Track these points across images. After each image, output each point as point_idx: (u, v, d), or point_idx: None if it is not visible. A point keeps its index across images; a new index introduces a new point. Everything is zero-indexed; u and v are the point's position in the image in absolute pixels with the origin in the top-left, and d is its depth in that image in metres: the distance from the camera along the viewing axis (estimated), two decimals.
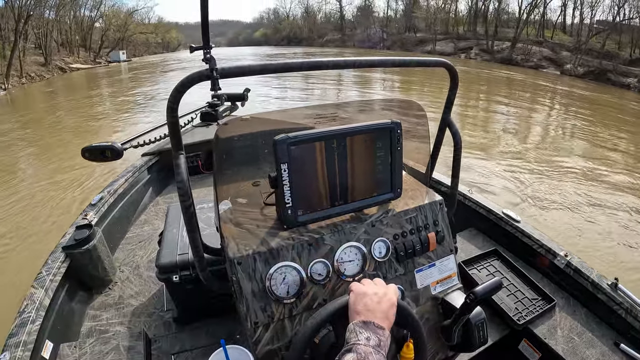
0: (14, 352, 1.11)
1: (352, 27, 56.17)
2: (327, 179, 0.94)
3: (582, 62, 23.48)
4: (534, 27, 31.74)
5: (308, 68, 0.88)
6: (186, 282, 1.28)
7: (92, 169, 5.71)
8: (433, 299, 1.06)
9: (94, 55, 35.80)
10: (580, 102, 13.73)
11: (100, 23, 39.44)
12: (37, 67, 24.18)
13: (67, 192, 5.25)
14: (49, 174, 6.04)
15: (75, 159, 6.06)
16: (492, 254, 1.73)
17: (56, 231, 3.95)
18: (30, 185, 5.61)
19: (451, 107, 1.16)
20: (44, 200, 5.04)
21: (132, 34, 45.58)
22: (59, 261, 1.51)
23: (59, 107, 12.30)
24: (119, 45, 40.92)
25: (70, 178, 5.71)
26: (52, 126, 9.56)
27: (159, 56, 47.52)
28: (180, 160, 0.85)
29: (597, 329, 1.41)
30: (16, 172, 6.28)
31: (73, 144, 7.46)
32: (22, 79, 20.86)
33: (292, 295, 0.90)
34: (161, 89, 15.07)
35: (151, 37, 53.60)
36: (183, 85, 0.77)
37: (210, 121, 3.17)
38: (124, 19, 43.15)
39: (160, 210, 2.38)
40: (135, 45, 47.86)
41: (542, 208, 4.86)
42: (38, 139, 8.30)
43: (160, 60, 37.23)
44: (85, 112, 11.27)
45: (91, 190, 5.10)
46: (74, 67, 29.03)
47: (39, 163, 6.83)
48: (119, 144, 1.78)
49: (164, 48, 60.05)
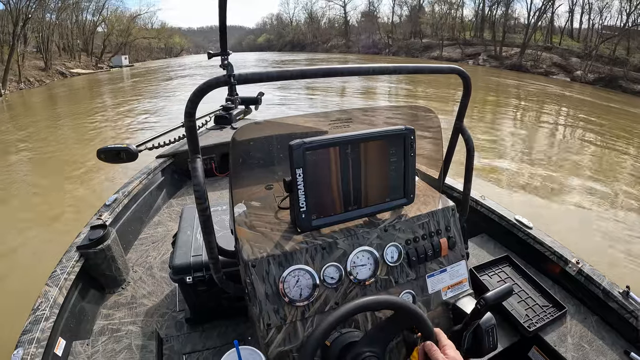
0: (27, 349, 1.15)
1: (357, 33, 56.47)
2: (341, 184, 0.97)
3: (592, 69, 23.47)
4: (541, 33, 31.79)
5: (324, 75, 0.91)
6: (199, 283, 1.32)
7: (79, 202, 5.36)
8: (444, 304, 1.08)
9: (96, 60, 35.99)
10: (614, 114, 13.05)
11: (103, 27, 39.90)
12: (36, 72, 24.10)
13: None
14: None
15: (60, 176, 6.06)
16: (504, 260, 1.74)
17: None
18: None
19: (464, 113, 1.19)
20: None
21: (135, 38, 46.05)
22: (73, 260, 1.55)
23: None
24: (122, 50, 41.30)
25: (55, 203, 5.40)
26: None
27: (162, 61, 47.87)
28: (197, 164, 0.88)
29: (608, 337, 1.42)
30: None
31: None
32: (21, 84, 20.71)
33: (304, 298, 0.93)
34: (166, 106, 13.20)
35: (154, 42, 54.18)
36: (201, 91, 0.80)
37: (224, 124, 3.24)
38: (126, 23, 43.65)
39: (174, 211, 2.42)
40: (137, 50, 48.35)
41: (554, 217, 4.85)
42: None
43: (163, 65, 37.37)
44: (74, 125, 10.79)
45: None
46: (75, 72, 29.07)
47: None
48: (134, 146, 1.82)
49: (166, 53, 60.72)
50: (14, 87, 19.93)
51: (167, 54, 61.23)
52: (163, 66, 36.11)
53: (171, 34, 64.74)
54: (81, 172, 6.47)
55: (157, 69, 32.97)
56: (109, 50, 39.46)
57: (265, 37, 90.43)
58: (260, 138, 1.09)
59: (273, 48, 76.37)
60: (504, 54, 31.91)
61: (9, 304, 3.03)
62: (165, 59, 54.39)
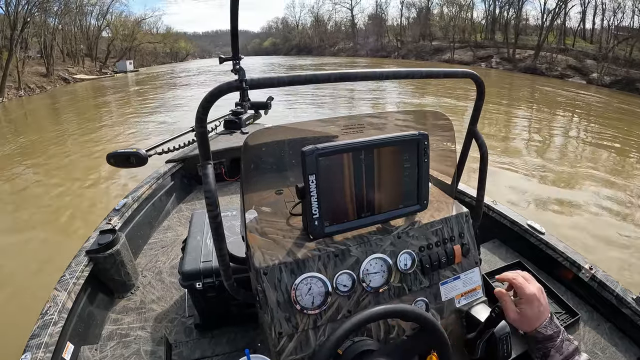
0: (35, 353, 1.17)
1: (365, 36, 56.64)
2: (354, 190, 0.98)
3: (608, 71, 23.25)
4: (554, 35, 31.59)
5: (336, 79, 0.91)
6: (209, 289, 1.34)
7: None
8: (457, 312, 1.09)
9: (100, 65, 36.25)
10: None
11: (107, 32, 40.42)
12: (37, 78, 24.02)
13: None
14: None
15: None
16: (516, 266, 1.75)
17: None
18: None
19: (478, 117, 1.20)
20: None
21: (140, 43, 46.64)
22: (82, 265, 1.58)
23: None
24: (127, 55, 41.80)
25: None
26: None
27: (167, 66, 48.26)
28: (208, 170, 0.88)
29: (621, 344, 1.42)
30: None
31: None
32: (20, 91, 20.56)
33: (316, 306, 0.93)
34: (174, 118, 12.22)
35: (159, 46, 54.83)
36: (212, 96, 0.81)
37: (234, 129, 3.28)
38: (131, 27, 44.21)
39: (183, 216, 2.46)
40: (142, 55, 48.96)
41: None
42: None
43: (168, 71, 37.55)
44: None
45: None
46: (78, 77, 29.14)
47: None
48: (143, 151, 1.87)
49: (172, 58, 61.39)
50: (13, 94, 19.75)
51: (173, 58, 61.94)
52: (168, 71, 36.25)
53: (177, 39, 65.53)
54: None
55: (162, 74, 33.12)
56: (114, 55, 39.93)
57: (271, 41, 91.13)
58: (272, 143, 1.10)
59: (279, 52, 76.89)
60: (517, 56, 31.73)
61: (17, 309, 3.10)
62: (171, 64, 54.89)
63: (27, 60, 24.07)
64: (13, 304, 3.32)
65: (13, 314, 3.07)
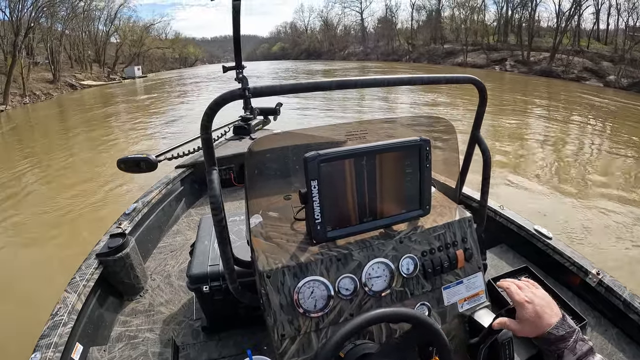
0: (45, 353, 1.22)
1: (375, 40, 56.76)
2: (356, 195, 1.01)
3: (625, 73, 22.96)
4: (567, 36, 31.26)
5: (337, 87, 0.95)
6: (216, 292, 1.38)
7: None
8: (460, 317, 1.10)
9: (108, 71, 36.53)
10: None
11: (116, 37, 40.99)
12: (43, 84, 23.94)
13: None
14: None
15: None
16: (523, 271, 1.75)
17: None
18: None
19: (481, 123, 1.22)
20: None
21: (148, 48, 47.26)
22: (92, 267, 1.64)
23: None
24: (135, 61, 42.34)
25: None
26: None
27: (176, 72, 48.67)
28: (213, 175, 0.91)
29: (629, 350, 1.42)
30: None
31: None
32: (25, 98, 20.40)
33: (319, 309, 0.96)
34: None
35: (168, 52, 55.55)
36: (217, 104, 0.86)
37: (243, 135, 3.35)
38: (140, 33, 44.84)
39: (193, 221, 2.52)
40: (151, 60, 49.65)
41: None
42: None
43: (177, 77, 37.61)
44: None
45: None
46: (85, 84, 29.08)
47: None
48: (153, 156, 1.92)
49: (180, 63, 62.18)
50: (17, 101, 19.58)
51: (182, 64, 62.75)
52: (177, 77, 36.33)
53: (185, 44, 66.36)
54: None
55: (171, 80, 33.15)
56: (122, 61, 40.38)
57: (279, 45, 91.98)
58: (276, 149, 1.14)
59: (288, 57, 77.42)
60: (531, 58, 31.44)
61: (27, 310, 3.18)
62: (180, 69, 55.37)
63: (32, 66, 23.95)
64: (23, 305, 3.40)
65: (23, 315, 3.15)
